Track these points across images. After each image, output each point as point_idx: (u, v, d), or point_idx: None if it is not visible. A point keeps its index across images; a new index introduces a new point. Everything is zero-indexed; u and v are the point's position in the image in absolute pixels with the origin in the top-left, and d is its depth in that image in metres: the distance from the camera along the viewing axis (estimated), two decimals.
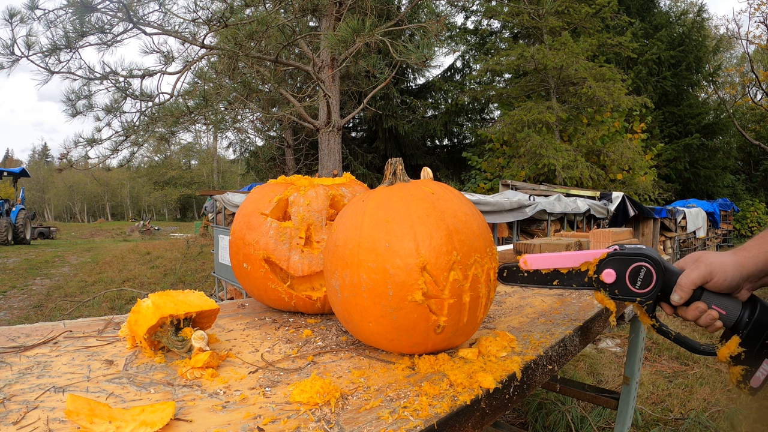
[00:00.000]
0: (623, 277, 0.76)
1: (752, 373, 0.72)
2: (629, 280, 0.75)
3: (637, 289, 0.75)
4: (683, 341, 0.77)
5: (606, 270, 0.76)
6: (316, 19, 6.72)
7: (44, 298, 6.51)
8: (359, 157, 13.23)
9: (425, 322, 0.73)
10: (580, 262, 0.79)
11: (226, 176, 40.99)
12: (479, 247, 0.77)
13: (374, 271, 0.73)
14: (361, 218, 0.78)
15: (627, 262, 0.75)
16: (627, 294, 0.76)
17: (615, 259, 0.76)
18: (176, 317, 0.77)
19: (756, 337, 0.71)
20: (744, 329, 0.71)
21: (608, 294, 0.77)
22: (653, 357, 3.80)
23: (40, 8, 4.30)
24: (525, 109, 10.45)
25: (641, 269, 0.74)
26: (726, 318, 0.72)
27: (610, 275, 0.76)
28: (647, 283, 0.74)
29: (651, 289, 0.74)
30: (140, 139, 5.67)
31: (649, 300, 0.74)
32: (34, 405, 0.57)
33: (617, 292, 0.76)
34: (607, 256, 0.77)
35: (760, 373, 0.72)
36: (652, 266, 0.73)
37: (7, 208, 14.15)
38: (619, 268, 0.76)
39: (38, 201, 46.98)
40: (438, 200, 0.78)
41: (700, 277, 0.72)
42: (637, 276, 0.75)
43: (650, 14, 15.16)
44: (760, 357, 0.71)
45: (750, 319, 0.71)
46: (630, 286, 0.75)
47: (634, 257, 0.75)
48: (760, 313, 0.71)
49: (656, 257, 0.73)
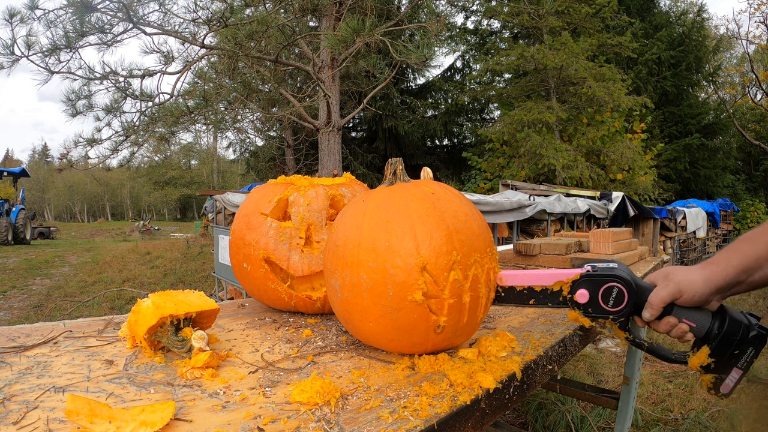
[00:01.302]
0: (596, 297, 0.78)
1: (722, 381, 0.75)
2: (602, 300, 0.78)
3: (610, 308, 0.77)
4: (656, 351, 0.80)
5: (579, 291, 0.78)
6: (316, 19, 6.72)
7: (44, 298, 6.51)
8: (359, 157, 13.23)
9: (425, 322, 0.73)
10: (554, 282, 0.81)
11: (226, 176, 41.00)
12: (479, 247, 0.77)
13: (374, 271, 0.73)
14: (362, 218, 0.78)
15: (599, 283, 0.77)
16: (600, 312, 0.78)
17: (587, 280, 0.78)
18: (176, 317, 0.77)
19: (725, 348, 0.74)
20: (713, 341, 0.74)
21: (582, 313, 0.79)
22: (653, 357, 3.79)
23: (40, 8, 4.29)
24: (525, 109, 10.45)
25: (613, 289, 0.77)
26: (696, 330, 0.75)
27: (584, 296, 0.78)
28: (619, 302, 0.77)
29: (623, 308, 0.77)
30: (140, 139, 5.67)
31: (621, 317, 0.77)
32: (34, 405, 0.57)
33: (591, 311, 0.79)
34: (580, 277, 0.79)
35: (730, 380, 0.75)
36: (623, 286, 0.76)
37: (7, 208, 14.15)
38: (592, 288, 0.78)
39: (38, 201, 46.98)
40: (438, 200, 0.78)
41: (670, 295, 0.74)
42: (610, 296, 0.77)
43: (650, 14, 15.16)
44: (729, 366, 0.75)
45: (719, 331, 0.74)
46: (603, 305, 0.78)
47: (606, 278, 0.77)
48: (728, 325, 0.73)
49: (627, 277, 0.76)
